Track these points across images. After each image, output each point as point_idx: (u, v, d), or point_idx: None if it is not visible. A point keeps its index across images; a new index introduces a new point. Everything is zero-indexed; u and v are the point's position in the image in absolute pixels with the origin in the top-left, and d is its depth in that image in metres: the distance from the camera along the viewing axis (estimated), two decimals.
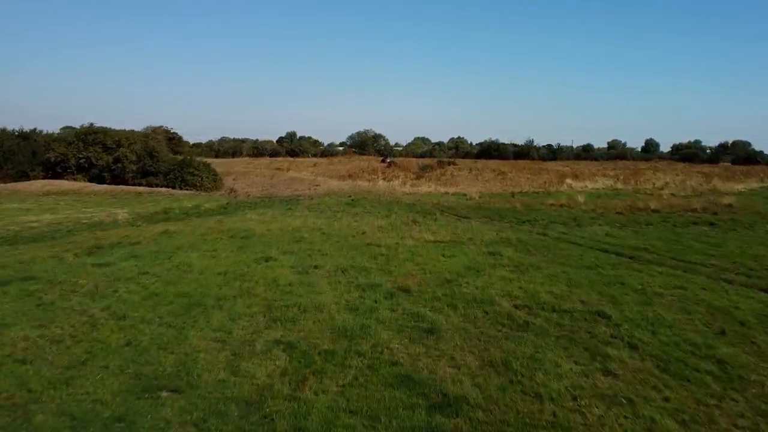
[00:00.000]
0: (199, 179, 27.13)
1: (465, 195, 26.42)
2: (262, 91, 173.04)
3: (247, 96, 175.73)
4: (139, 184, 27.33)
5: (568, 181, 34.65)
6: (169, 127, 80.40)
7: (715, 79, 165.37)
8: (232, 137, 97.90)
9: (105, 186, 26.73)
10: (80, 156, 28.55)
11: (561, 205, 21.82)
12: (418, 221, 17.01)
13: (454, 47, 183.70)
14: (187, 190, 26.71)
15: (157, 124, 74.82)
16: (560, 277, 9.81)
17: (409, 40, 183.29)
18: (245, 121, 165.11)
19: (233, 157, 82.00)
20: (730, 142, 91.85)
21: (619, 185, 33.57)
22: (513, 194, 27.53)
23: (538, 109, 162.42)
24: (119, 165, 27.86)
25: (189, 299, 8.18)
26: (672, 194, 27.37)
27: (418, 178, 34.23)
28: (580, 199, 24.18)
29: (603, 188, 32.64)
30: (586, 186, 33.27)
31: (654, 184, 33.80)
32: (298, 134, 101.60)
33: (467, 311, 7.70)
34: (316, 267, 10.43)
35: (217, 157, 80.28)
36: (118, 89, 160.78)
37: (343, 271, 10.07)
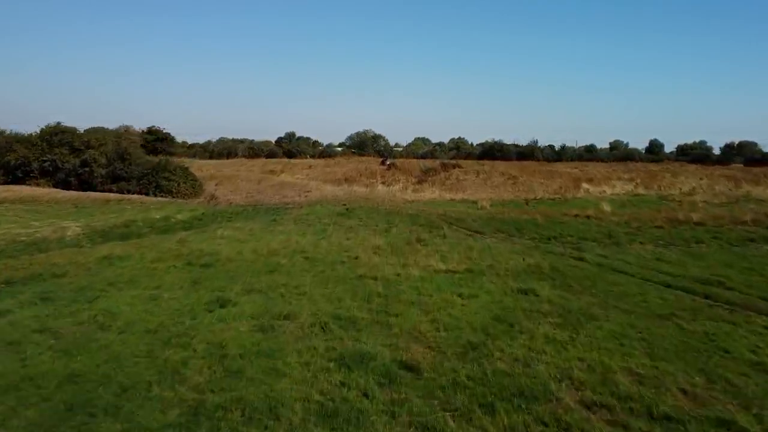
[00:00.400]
0: (175, 185, 24.13)
1: (474, 203, 23.51)
2: (261, 91, 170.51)
3: (246, 96, 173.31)
4: (110, 191, 24.36)
5: (585, 185, 31.77)
6: (160, 127, 77.96)
7: (715, 79, 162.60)
8: (231, 137, 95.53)
9: (70, 193, 23.83)
10: (44, 159, 25.56)
11: (587, 216, 18.92)
12: (423, 239, 14.11)
13: (454, 47, 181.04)
14: (161, 197, 23.75)
15: (155, 124, 71.93)
16: (631, 338, 6.91)
17: (409, 40, 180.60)
18: (245, 121, 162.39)
19: (228, 158, 79.14)
20: (737, 142, 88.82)
21: (641, 190, 30.67)
22: (527, 201, 24.66)
23: (537, 109, 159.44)
24: (87, 169, 24.88)
25: (75, 391, 5.28)
26: (705, 202, 24.48)
27: (420, 182, 31.34)
28: (606, 208, 21.31)
29: (624, 193, 29.77)
30: (605, 191, 30.40)
31: (680, 189, 30.90)
32: (298, 134, 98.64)
33: (512, 418, 4.79)
34: (286, 317, 7.55)
35: (211, 158, 77.53)
36: (118, 89, 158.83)
37: (323, 327, 7.17)
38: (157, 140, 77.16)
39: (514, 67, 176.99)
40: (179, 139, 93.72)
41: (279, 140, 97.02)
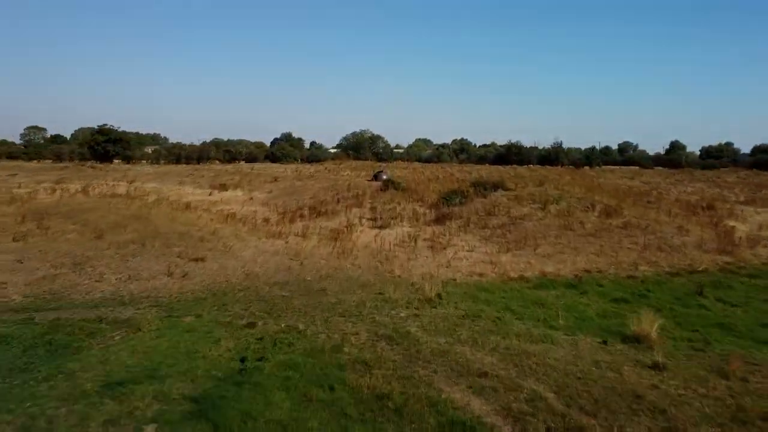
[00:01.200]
0: None
1: (583, 292, 9.49)
2: (261, 91, 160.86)
3: (246, 96, 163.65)
4: None
5: (735, 225, 17.74)
6: (113, 125, 64.25)
7: (716, 80, 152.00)
8: (226, 138, 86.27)
9: None
10: None
11: None
12: None
13: (454, 47, 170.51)
14: None
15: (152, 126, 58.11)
16: None
17: (409, 40, 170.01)
18: (244, 121, 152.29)
19: (198, 163, 65.65)
20: None
21: None
22: (702, 289, 10.60)
23: (537, 108, 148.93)
24: None
25: None
26: None
27: (439, 220, 17.34)
28: None
29: None
30: None
31: None
32: (296, 135, 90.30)
33: None
34: None
35: (178, 162, 64.28)
36: (118, 89, 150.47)
37: None
38: (108, 141, 63.62)
39: (515, 67, 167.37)
40: (174, 140, 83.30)
41: (275, 141, 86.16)
